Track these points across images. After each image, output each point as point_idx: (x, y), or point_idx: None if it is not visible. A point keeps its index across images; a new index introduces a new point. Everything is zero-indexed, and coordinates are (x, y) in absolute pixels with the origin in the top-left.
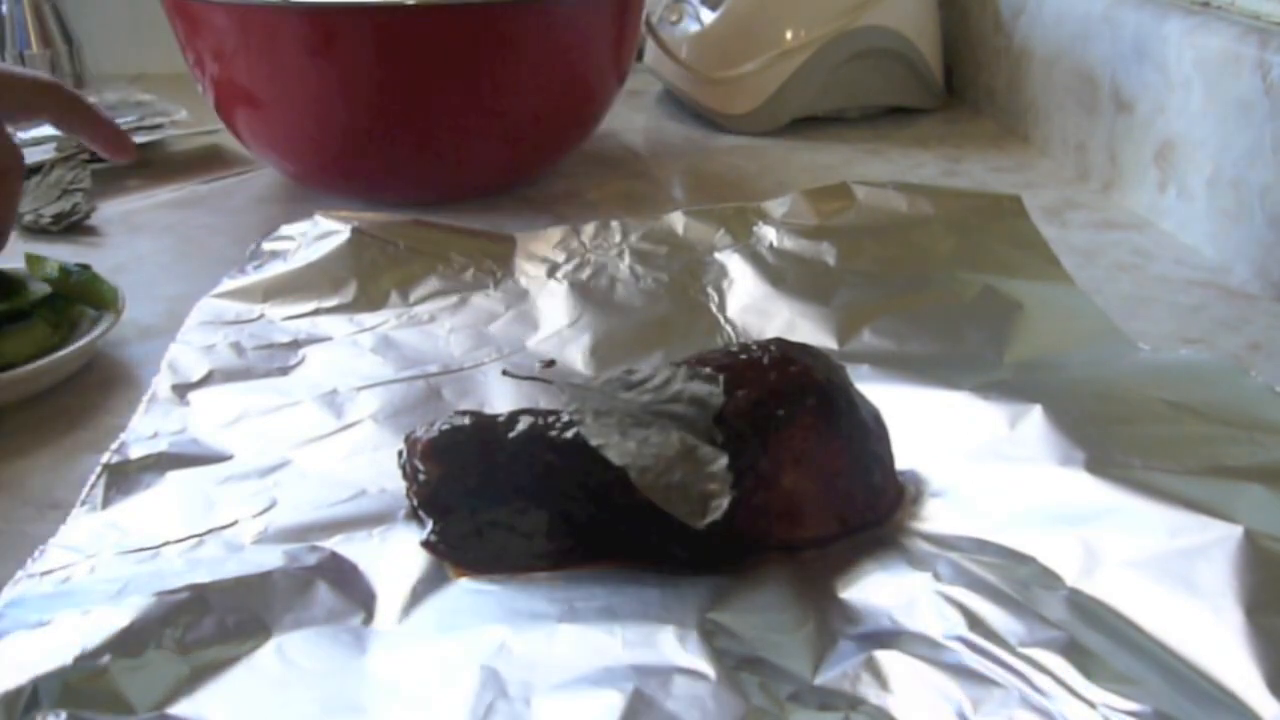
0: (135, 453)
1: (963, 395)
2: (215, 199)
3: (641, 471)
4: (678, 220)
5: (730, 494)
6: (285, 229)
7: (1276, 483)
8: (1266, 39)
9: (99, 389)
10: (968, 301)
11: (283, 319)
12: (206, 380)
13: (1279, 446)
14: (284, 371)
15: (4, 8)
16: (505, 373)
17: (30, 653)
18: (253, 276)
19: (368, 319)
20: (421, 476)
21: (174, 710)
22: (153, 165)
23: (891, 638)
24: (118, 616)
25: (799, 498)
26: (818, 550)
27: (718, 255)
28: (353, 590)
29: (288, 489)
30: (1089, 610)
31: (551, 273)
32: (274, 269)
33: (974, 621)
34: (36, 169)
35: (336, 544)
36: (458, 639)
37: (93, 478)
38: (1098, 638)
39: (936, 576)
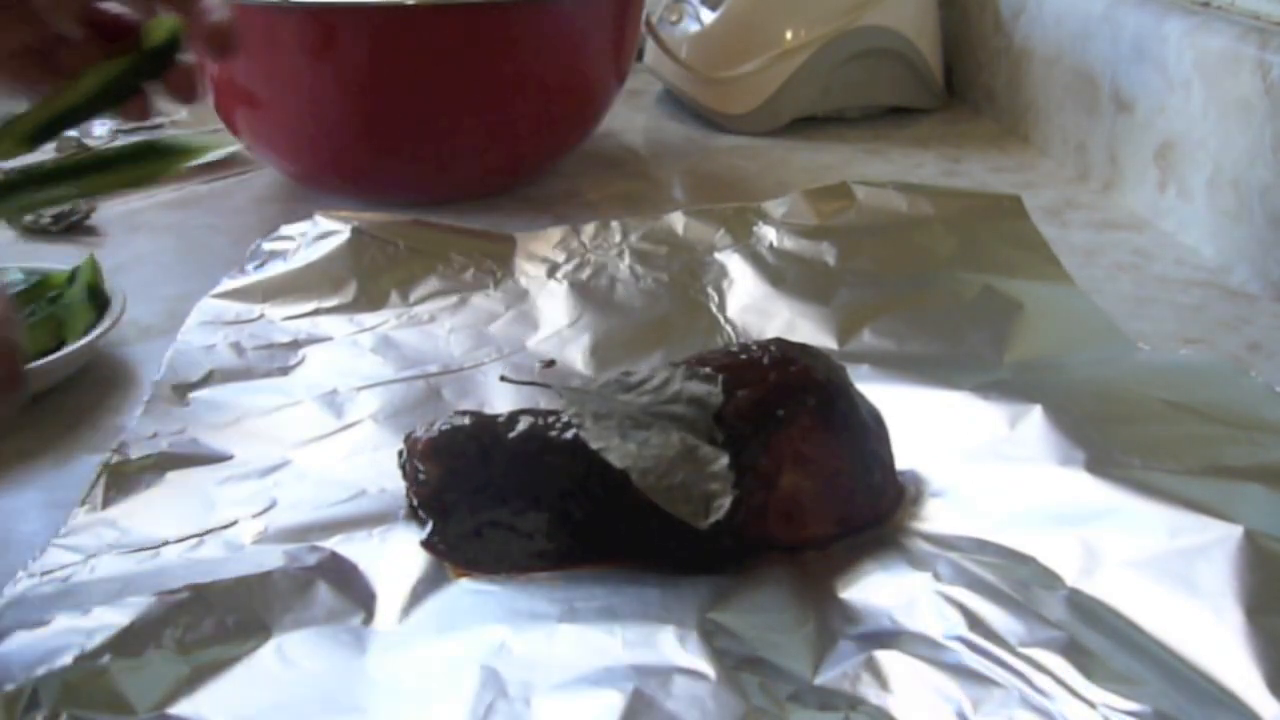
0: (135, 453)
1: (963, 395)
2: (215, 199)
3: (643, 473)
4: (678, 220)
5: (732, 493)
6: (285, 229)
7: (1276, 483)
8: (1266, 39)
9: (99, 389)
10: (968, 301)
11: (283, 319)
12: (206, 380)
13: (1279, 446)
14: (284, 371)
15: None
16: (503, 379)
17: (30, 653)
18: (253, 276)
19: (368, 319)
20: (421, 476)
21: (174, 710)
22: None
23: (891, 638)
24: (118, 616)
25: (799, 498)
26: (818, 550)
27: (718, 255)
28: (353, 590)
29: (288, 489)
30: (1089, 610)
31: (551, 273)
32: (274, 269)
33: (974, 621)
34: None
35: (336, 544)
36: (458, 639)
37: (93, 478)
38: (1098, 638)
39: (936, 576)
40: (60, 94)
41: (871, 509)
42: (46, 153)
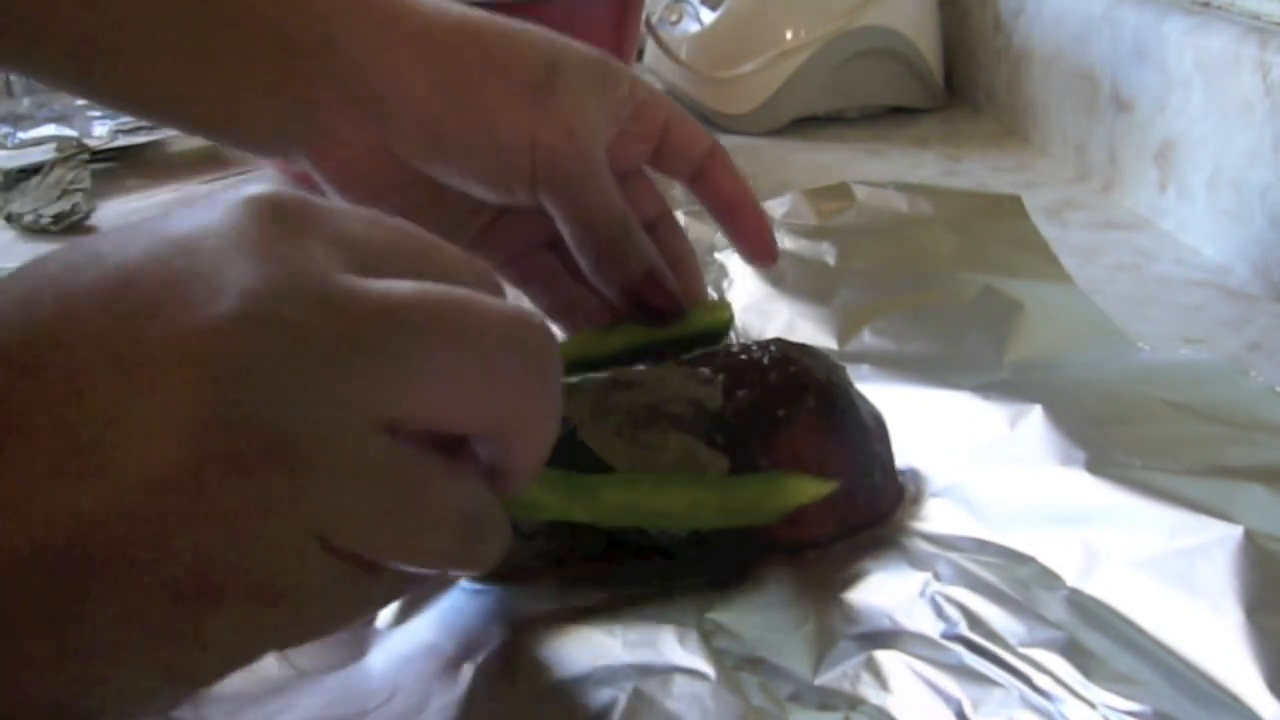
0: None
1: (963, 395)
2: None
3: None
4: (678, 220)
5: None
6: None
7: (1276, 483)
8: (1266, 39)
9: None
10: (968, 301)
11: None
12: None
13: (1279, 446)
14: None
15: None
16: None
17: None
18: None
19: None
20: None
21: (174, 710)
22: (153, 165)
23: (891, 638)
24: None
25: None
26: (818, 550)
27: (718, 255)
28: None
29: None
30: (1089, 610)
31: None
32: None
33: (974, 621)
34: (36, 169)
35: None
36: (458, 639)
37: None
38: (1098, 638)
39: (936, 576)
40: (584, 343)
41: (871, 509)
42: (48, 151)
